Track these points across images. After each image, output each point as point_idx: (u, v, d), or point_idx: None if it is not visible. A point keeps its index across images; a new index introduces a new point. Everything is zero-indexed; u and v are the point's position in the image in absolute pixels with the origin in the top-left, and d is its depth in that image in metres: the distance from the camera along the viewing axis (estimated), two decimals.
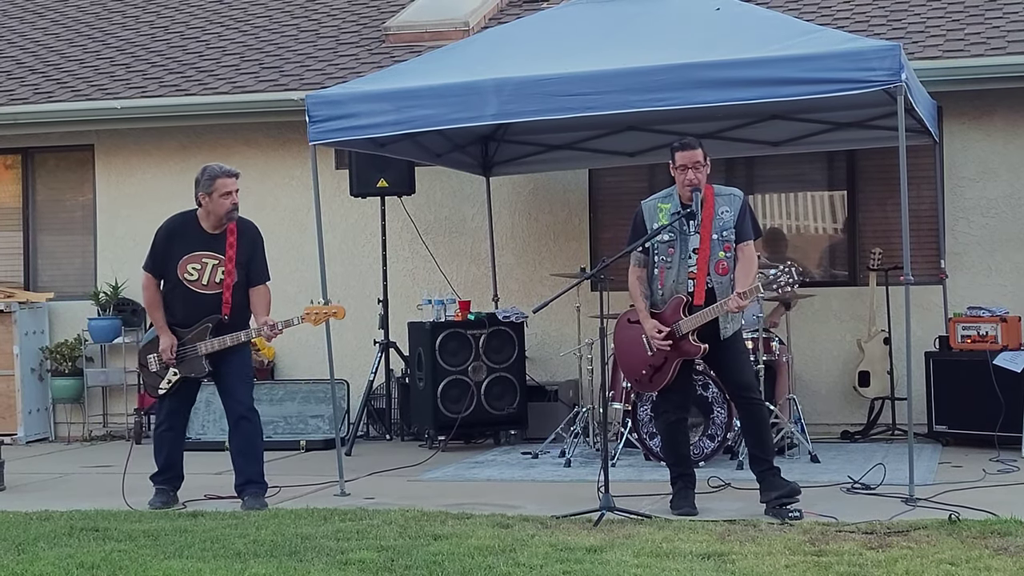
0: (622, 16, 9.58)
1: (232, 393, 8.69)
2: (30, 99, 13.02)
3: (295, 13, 14.62)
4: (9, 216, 13.76)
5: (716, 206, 7.99)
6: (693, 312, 7.92)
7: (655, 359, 8.06)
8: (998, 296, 11.19)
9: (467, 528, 7.41)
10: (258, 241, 8.79)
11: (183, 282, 8.57)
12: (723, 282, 7.95)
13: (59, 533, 7.55)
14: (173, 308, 8.65)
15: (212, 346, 8.54)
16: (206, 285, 8.57)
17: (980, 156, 11.50)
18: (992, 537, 6.87)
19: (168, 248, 8.64)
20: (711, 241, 7.94)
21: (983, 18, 11.68)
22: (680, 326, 7.93)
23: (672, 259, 7.98)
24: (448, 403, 11.17)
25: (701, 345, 7.95)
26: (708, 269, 7.95)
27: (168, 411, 8.80)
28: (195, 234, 8.62)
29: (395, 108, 9.06)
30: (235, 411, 8.67)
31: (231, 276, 8.57)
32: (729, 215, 7.99)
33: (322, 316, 8.69)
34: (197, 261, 8.58)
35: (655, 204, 8.12)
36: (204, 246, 8.59)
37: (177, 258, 8.59)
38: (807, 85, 8.38)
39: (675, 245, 7.98)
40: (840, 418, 11.63)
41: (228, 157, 12.65)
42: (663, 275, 8.02)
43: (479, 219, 12.51)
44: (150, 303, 8.74)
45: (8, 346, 12.74)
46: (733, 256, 7.98)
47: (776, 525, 7.41)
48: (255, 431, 8.71)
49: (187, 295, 8.59)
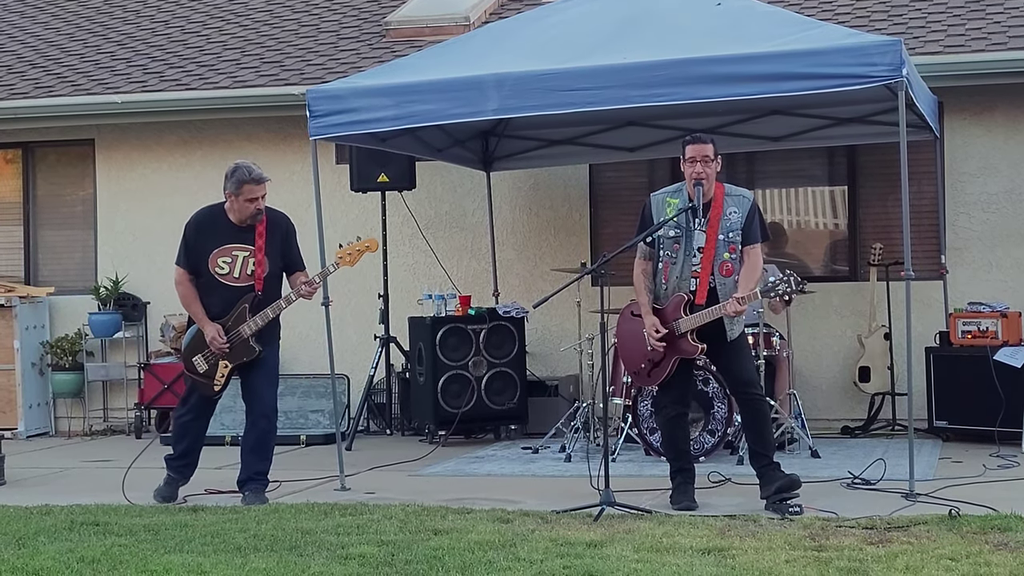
0: (622, 11, 9.57)
1: (258, 392, 8.63)
2: (30, 94, 13.02)
3: (296, 8, 14.61)
4: (10, 211, 13.76)
5: (725, 206, 7.98)
6: (694, 311, 7.93)
7: (653, 354, 8.08)
8: (998, 292, 11.19)
9: (467, 523, 7.42)
10: (291, 231, 8.74)
11: (215, 276, 8.51)
12: (727, 283, 7.95)
13: (60, 527, 7.55)
14: (207, 303, 8.56)
15: (256, 324, 8.45)
16: (238, 278, 8.52)
17: (981, 152, 11.50)
18: (992, 533, 6.87)
19: (199, 241, 8.57)
20: (717, 241, 7.94)
21: (984, 13, 11.68)
22: (679, 325, 7.94)
23: (677, 255, 7.99)
24: (448, 398, 11.17)
25: (699, 345, 7.95)
26: (712, 269, 7.95)
27: (197, 401, 8.72)
28: (224, 227, 8.56)
29: (396, 103, 9.06)
30: (257, 410, 8.63)
31: (261, 267, 8.51)
32: (737, 216, 7.98)
33: (356, 255, 8.62)
34: (228, 254, 8.52)
35: (663, 198, 8.11)
36: (233, 238, 8.53)
37: (208, 252, 8.52)
38: (808, 80, 8.38)
39: (680, 241, 7.98)
40: (840, 413, 11.63)
41: (228, 152, 12.68)
42: (667, 270, 8.03)
43: (479, 214, 12.51)
44: (186, 297, 8.61)
45: (8, 340, 12.75)
46: (739, 258, 7.98)
47: (776, 520, 7.41)
48: (271, 432, 8.70)
49: (220, 289, 8.52)
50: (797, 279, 7.83)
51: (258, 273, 8.51)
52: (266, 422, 8.65)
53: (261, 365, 8.61)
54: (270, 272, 8.56)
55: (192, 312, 8.63)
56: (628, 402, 10.04)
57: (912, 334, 8.51)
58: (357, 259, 8.67)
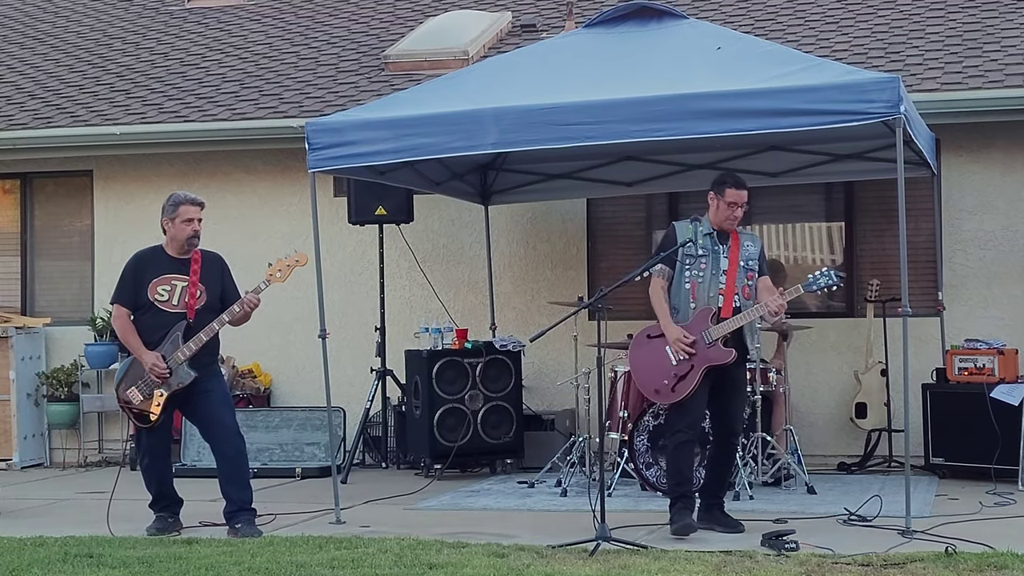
0: (622, 46, 9.61)
1: (215, 417, 8.69)
2: (29, 124, 13.04)
3: (295, 41, 14.66)
4: (7, 241, 13.76)
5: (741, 238, 8.42)
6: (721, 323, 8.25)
7: (680, 368, 8.23)
8: (995, 329, 11.20)
9: (463, 557, 7.39)
10: (226, 268, 8.93)
11: (154, 303, 8.69)
12: (747, 305, 8.31)
13: (53, 559, 7.52)
14: (144, 331, 8.71)
15: (190, 349, 8.58)
16: (176, 304, 8.69)
17: (978, 188, 11.52)
18: (988, 570, 6.85)
19: (138, 276, 8.78)
20: (738, 266, 8.33)
21: (981, 51, 11.72)
22: (710, 332, 8.20)
23: (704, 274, 8.30)
24: (444, 431, 11.15)
25: (731, 350, 8.23)
26: (736, 288, 8.28)
27: (148, 442, 8.81)
28: (163, 260, 8.80)
29: (394, 136, 9.06)
30: (220, 436, 8.67)
31: (194, 297, 8.67)
32: (753, 249, 8.44)
33: (287, 270, 8.76)
34: (167, 283, 8.72)
35: (688, 224, 8.44)
36: (171, 269, 8.75)
37: (147, 282, 8.72)
38: (806, 116, 8.40)
39: (707, 261, 8.29)
40: (837, 449, 11.61)
41: (226, 184, 12.71)
42: (695, 289, 8.31)
43: (477, 247, 12.51)
44: (124, 331, 8.78)
45: (4, 371, 12.72)
46: (755, 286, 8.39)
47: (772, 557, 7.38)
48: (241, 457, 8.72)
49: (158, 315, 8.68)
50: (836, 272, 8.26)
51: (190, 303, 8.65)
52: (232, 448, 8.68)
53: (210, 393, 8.72)
54: (207, 304, 8.71)
55: (129, 344, 8.77)
56: (624, 437, 10.02)
57: (909, 370, 8.52)
58: (287, 275, 8.78)
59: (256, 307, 8.69)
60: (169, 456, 9.03)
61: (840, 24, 12.85)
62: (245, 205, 12.86)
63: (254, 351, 12.58)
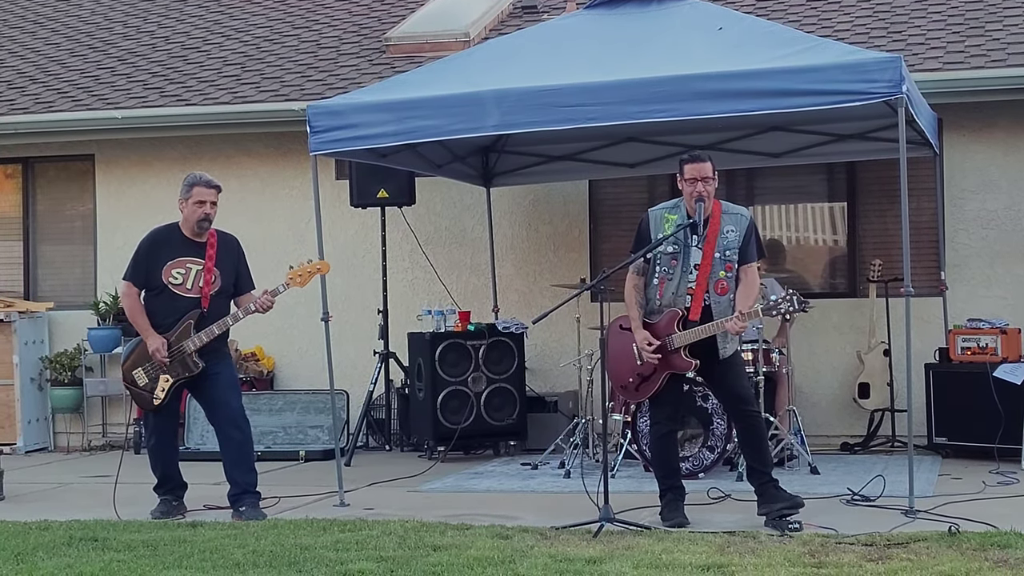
0: (623, 27, 9.59)
1: (221, 400, 8.69)
2: (31, 109, 13.03)
3: (296, 24, 14.64)
4: (9, 226, 13.76)
5: (722, 224, 7.95)
6: (687, 327, 7.91)
7: (644, 369, 8.06)
8: (998, 308, 11.20)
9: (466, 539, 7.41)
10: (241, 252, 8.90)
11: (168, 286, 8.63)
12: (721, 302, 7.93)
13: (58, 543, 7.54)
14: (156, 313, 8.66)
15: (200, 340, 8.55)
16: (190, 289, 8.64)
17: (980, 168, 11.51)
18: (992, 549, 6.86)
19: (152, 256, 8.72)
20: (713, 259, 7.91)
21: (983, 30, 11.70)
22: (672, 340, 7.91)
23: (674, 271, 7.95)
24: (448, 414, 11.16)
25: (692, 360, 7.93)
26: (707, 286, 7.91)
27: (155, 423, 8.81)
28: (178, 241, 8.73)
29: (396, 119, 9.06)
30: (225, 418, 8.68)
31: (209, 283, 8.63)
32: (734, 235, 7.95)
33: (307, 276, 8.73)
34: (181, 266, 8.66)
35: (662, 214, 8.08)
36: (187, 252, 8.69)
37: (162, 264, 8.66)
38: (808, 97, 8.37)
39: (678, 257, 7.95)
40: (840, 430, 11.62)
41: (228, 167, 12.70)
42: (663, 286, 7.99)
43: (479, 230, 12.51)
44: (132, 310, 8.74)
45: (8, 356, 12.74)
46: (734, 276, 7.96)
47: (776, 537, 7.39)
48: (247, 441, 8.74)
49: (171, 299, 8.63)
50: (800, 298, 7.81)
51: (205, 290, 8.61)
52: (238, 431, 8.68)
53: (218, 377, 8.70)
54: (220, 289, 8.68)
55: (137, 324, 8.73)
56: (627, 418, 10.02)
57: (911, 350, 8.52)
58: (308, 280, 8.75)
59: (270, 309, 8.66)
60: (176, 438, 9.06)
61: (842, 4, 12.83)
62: (247, 189, 12.85)
63: (257, 334, 12.58)
